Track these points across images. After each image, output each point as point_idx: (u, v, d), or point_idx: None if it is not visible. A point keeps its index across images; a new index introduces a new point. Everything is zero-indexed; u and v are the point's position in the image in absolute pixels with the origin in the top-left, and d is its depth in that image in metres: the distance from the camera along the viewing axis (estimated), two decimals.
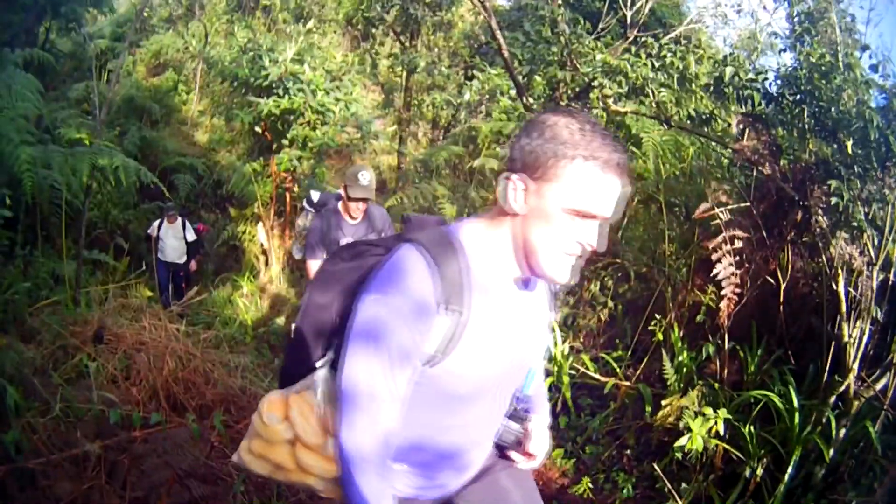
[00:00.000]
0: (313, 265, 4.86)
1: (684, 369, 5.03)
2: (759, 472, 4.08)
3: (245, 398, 4.91)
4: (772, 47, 15.89)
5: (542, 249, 1.53)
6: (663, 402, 4.83)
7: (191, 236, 8.97)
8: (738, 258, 5.03)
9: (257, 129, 9.66)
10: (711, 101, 7.60)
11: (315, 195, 5.15)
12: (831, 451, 3.93)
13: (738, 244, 4.95)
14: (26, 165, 4.70)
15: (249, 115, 9.25)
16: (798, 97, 5.39)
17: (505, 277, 1.64)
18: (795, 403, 4.08)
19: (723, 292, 4.85)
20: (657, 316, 5.63)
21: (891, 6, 5.82)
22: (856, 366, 4.14)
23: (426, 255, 1.53)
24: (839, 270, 4.38)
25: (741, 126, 6.58)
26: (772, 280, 4.97)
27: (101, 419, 3.85)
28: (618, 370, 5.55)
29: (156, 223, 9.06)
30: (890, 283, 4.26)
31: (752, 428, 4.15)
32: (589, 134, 1.47)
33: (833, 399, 4.18)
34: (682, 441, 4.13)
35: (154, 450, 3.80)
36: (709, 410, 4.24)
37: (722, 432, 4.12)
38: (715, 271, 4.89)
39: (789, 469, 3.95)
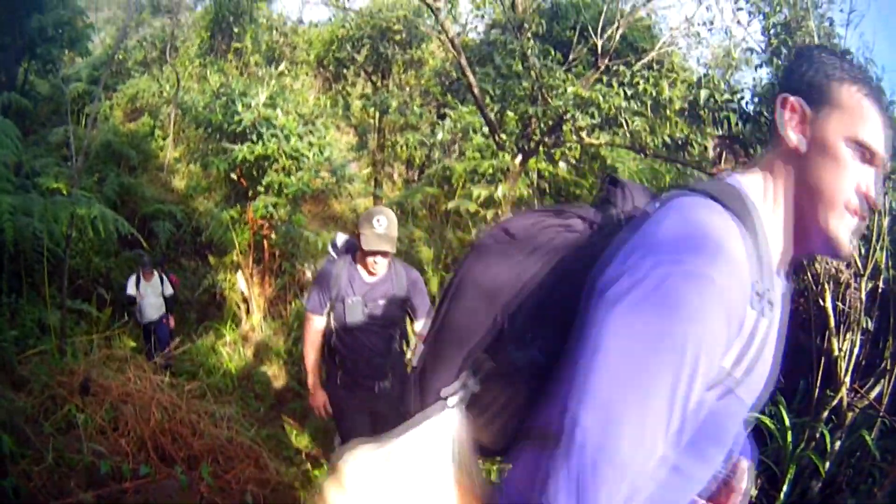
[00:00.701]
0: (310, 320, 4.10)
1: None
2: (754, 492, 4.07)
3: (232, 448, 4.89)
4: (747, 63, 16.01)
5: (828, 200, 1.16)
6: None
7: (168, 290, 8.87)
8: None
9: (233, 175, 9.63)
10: (686, 126, 7.63)
11: (340, 239, 4.17)
12: (827, 465, 3.93)
13: None
14: (7, 214, 4.66)
15: (224, 161, 9.22)
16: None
17: (777, 257, 1.23)
18: (787, 422, 4.05)
19: None
20: None
21: (872, 3, 5.77)
22: (848, 378, 4.17)
23: (730, 214, 1.10)
24: (825, 285, 4.40)
25: (718, 149, 6.61)
26: None
27: (92, 469, 3.90)
28: None
29: (131, 280, 8.74)
30: (879, 290, 4.28)
31: None
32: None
33: (826, 413, 4.19)
34: None
35: (145, 501, 3.83)
36: None
37: None
38: None
39: (784, 487, 3.96)
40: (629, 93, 6.94)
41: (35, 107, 15.14)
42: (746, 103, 6.59)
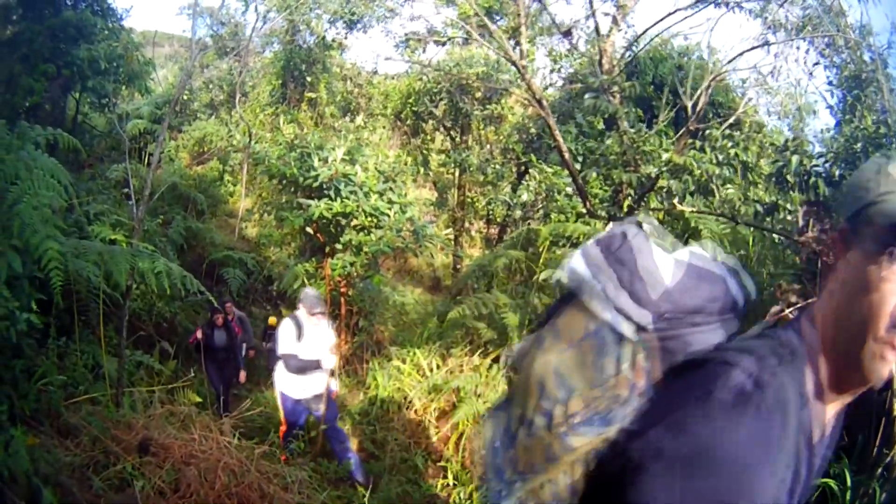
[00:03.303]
0: None
1: None
2: None
3: None
4: (814, 112, 15.72)
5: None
6: None
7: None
8: None
9: (308, 229, 9.53)
10: (774, 191, 7.40)
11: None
12: None
13: None
14: (54, 262, 4.35)
15: (300, 217, 9.11)
16: None
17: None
18: (849, 482, 4.11)
19: None
20: None
21: None
22: None
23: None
24: None
25: (807, 218, 6.37)
26: None
27: None
28: None
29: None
30: None
31: None
32: None
33: (879, 470, 4.25)
34: None
35: None
36: None
37: None
38: None
39: None
40: (720, 158, 6.72)
41: (91, 142, 15.27)
42: (830, 166, 6.37)
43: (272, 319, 9.52)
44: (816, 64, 9.66)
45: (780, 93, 14.45)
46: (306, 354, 6.39)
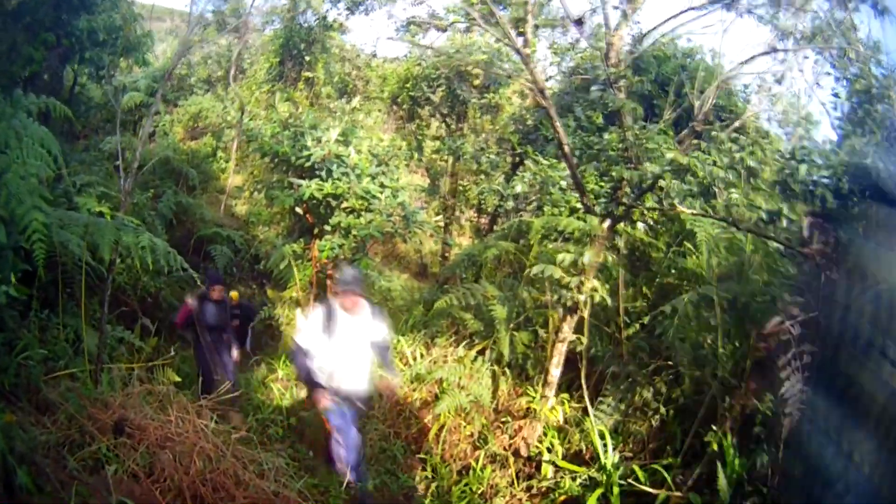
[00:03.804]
0: None
1: (734, 475, 5.07)
2: None
3: (278, 502, 4.62)
4: (814, 123, 15.62)
5: None
6: None
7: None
8: (806, 374, 4.87)
9: (298, 209, 9.38)
10: (777, 199, 7.33)
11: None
12: None
13: (807, 359, 4.89)
14: (38, 234, 4.20)
15: (290, 197, 8.95)
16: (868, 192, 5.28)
17: None
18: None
19: (787, 409, 4.82)
20: (713, 427, 5.54)
21: None
22: None
23: None
24: None
25: (812, 229, 6.29)
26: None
27: None
28: (668, 479, 5.48)
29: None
30: None
31: None
32: None
33: None
34: None
35: None
36: None
37: None
38: (782, 391, 4.84)
39: None
40: (725, 161, 6.61)
41: (87, 112, 15.08)
42: (838, 179, 6.30)
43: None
44: (827, 74, 9.58)
45: (782, 101, 14.38)
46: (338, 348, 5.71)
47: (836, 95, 10.63)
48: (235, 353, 8.40)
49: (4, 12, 10.52)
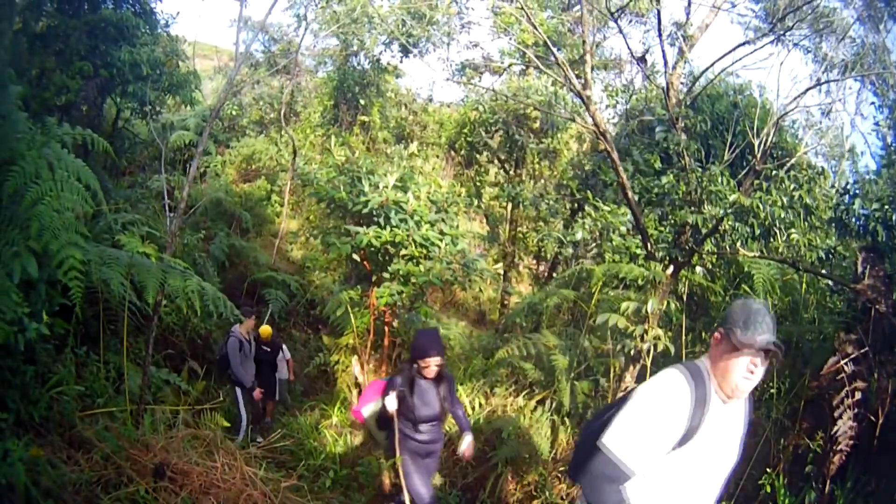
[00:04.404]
0: None
1: None
2: None
3: None
4: (859, 154, 15.32)
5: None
6: None
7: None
8: (857, 411, 4.97)
9: (355, 256, 9.32)
10: (834, 237, 7.17)
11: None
12: None
13: (859, 395, 4.96)
14: (74, 271, 4.04)
15: (347, 244, 8.88)
16: None
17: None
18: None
19: (838, 447, 4.91)
20: (766, 469, 5.51)
21: None
22: None
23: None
24: None
25: (865, 264, 6.11)
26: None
27: None
28: None
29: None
30: None
31: None
32: None
33: None
34: None
35: None
36: None
37: None
38: (835, 428, 4.98)
39: None
40: (785, 201, 6.43)
41: (132, 149, 15.01)
42: (886, 211, 6.11)
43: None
44: (871, 104, 9.42)
45: (828, 134, 14.14)
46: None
47: (877, 124, 10.44)
48: (258, 392, 8.52)
49: (31, 35, 10.54)
